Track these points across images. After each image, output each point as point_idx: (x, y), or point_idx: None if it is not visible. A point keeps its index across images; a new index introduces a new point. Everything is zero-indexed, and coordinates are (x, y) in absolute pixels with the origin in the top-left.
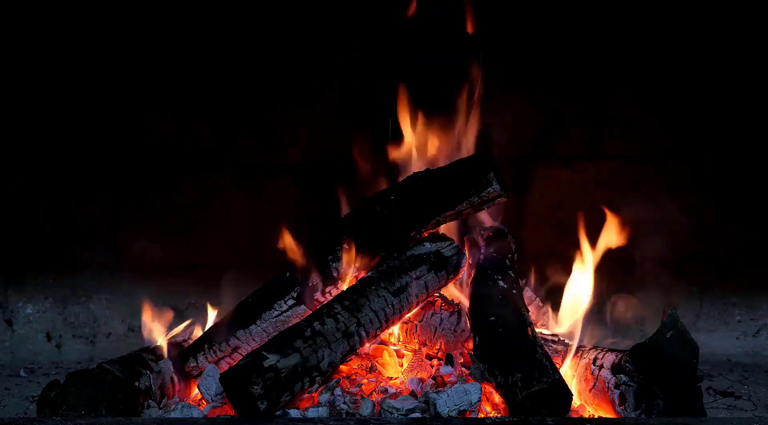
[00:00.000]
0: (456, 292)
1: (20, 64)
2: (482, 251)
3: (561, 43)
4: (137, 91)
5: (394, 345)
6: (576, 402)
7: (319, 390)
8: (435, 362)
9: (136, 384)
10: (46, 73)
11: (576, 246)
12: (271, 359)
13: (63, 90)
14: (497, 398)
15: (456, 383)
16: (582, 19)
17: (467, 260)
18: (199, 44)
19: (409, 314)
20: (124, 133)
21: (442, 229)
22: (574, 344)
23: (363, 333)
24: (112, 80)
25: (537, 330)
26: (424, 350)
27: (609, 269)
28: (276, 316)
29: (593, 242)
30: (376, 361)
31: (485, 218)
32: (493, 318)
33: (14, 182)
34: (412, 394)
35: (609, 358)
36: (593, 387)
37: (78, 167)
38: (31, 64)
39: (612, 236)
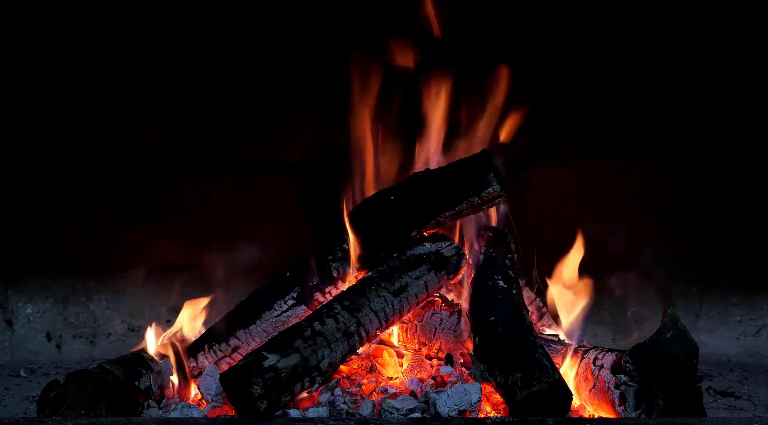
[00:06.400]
0: (456, 292)
1: (21, 65)
2: (482, 251)
3: (561, 43)
4: (137, 91)
5: (394, 345)
6: (576, 402)
7: (319, 390)
8: (435, 362)
9: (136, 384)
10: (45, 74)
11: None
12: (271, 359)
13: (63, 91)
14: (497, 398)
15: (456, 383)
16: (582, 18)
17: (467, 260)
18: (200, 45)
19: (409, 315)
20: (124, 133)
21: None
22: (574, 344)
23: (363, 333)
24: (111, 81)
25: (537, 330)
26: (424, 350)
27: (609, 269)
28: (276, 316)
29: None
30: (376, 361)
31: (486, 218)
32: (493, 318)
33: (14, 183)
34: (412, 394)
35: (609, 358)
36: (593, 387)
37: (78, 167)
38: (31, 66)
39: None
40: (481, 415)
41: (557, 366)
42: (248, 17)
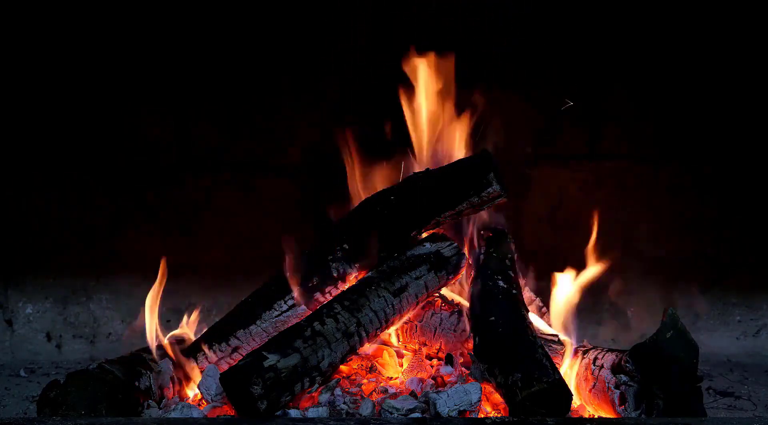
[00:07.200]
0: (456, 292)
1: (20, 64)
2: (482, 251)
3: (560, 42)
4: (137, 91)
5: (394, 345)
6: (576, 402)
7: (319, 390)
8: (435, 362)
9: (136, 384)
10: (45, 73)
11: (575, 246)
12: (271, 359)
13: (62, 90)
14: (497, 398)
15: (456, 383)
16: (581, 17)
17: (467, 260)
18: (199, 44)
19: (409, 315)
20: (123, 133)
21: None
22: (574, 344)
23: (363, 333)
24: (111, 80)
25: (537, 329)
26: (424, 350)
27: (609, 268)
28: (276, 316)
29: None
30: (376, 361)
31: (486, 218)
32: (493, 318)
33: (14, 182)
34: (412, 394)
35: (609, 358)
36: (593, 387)
37: (78, 166)
38: (30, 65)
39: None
40: (481, 415)
41: (557, 366)
42: (249, 17)
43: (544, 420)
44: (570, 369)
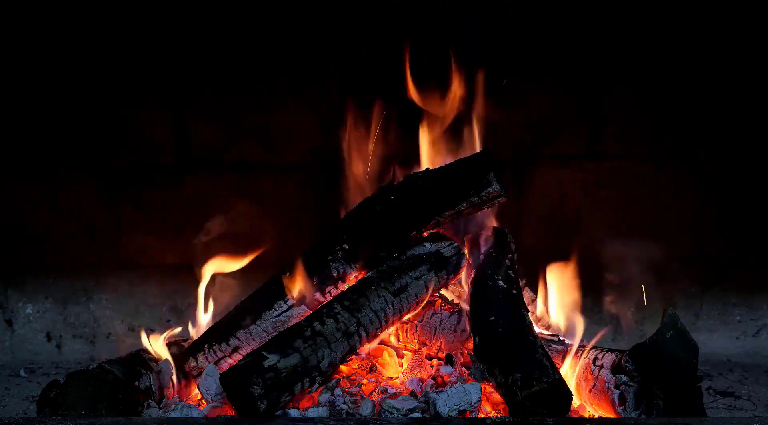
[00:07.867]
0: (456, 292)
1: (19, 64)
2: (482, 251)
3: (561, 43)
4: (137, 91)
5: (394, 345)
6: (576, 402)
7: (319, 390)
8: (435, 362)
9: (136, 384)
10: (44, 73)
11: (575, 246)
12: (271, 359)
13: (62, 90)
14: (497, 398)
15: (456, 383)
16: (581, 18)
17: (467, 260)
18: (201, 46)
19: (409, 315)
20: (123, 133)
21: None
22: (574, 344)
23: (363, 333)
24: (111, 80)
25: (537, 329)
26: (424, 350)
27: (609, 269)
28: (276, 316)
29: None
30: (376, 361)
31: (486, 218)
32: (493, 318)
33: (15, 182)
34: (412, 394)
35: (609, 358)
36: (593, 387)
37: (78, 166)
38: (29, 65)
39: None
40: (481, 415)
41: (557, 366)
42: (249, 17)
43: (544, 420)
44: (570, 369)
